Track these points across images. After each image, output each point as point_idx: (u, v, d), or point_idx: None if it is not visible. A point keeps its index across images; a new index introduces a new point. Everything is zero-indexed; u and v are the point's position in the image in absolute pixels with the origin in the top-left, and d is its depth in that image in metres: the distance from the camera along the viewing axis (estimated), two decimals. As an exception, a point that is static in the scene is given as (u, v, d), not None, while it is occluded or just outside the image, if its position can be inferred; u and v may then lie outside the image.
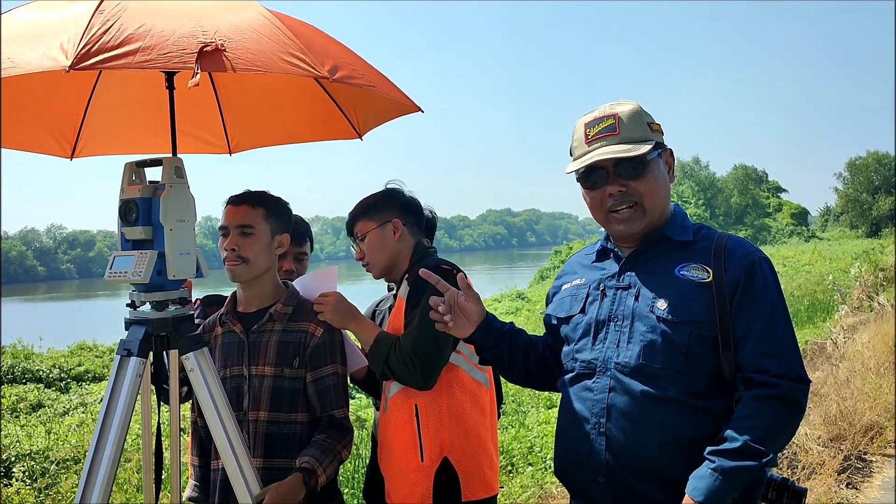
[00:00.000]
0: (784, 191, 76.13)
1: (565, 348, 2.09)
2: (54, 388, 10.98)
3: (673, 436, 1.84)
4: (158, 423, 2.40)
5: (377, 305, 3.08)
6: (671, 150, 2.07)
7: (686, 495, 1.77)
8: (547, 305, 2.27)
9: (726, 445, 1.76)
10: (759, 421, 1.77)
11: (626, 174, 1.97)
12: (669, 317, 1.88)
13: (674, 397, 1.86)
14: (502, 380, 3.15)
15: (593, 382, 1.95)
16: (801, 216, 69.83)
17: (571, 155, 2.06)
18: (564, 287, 2.19)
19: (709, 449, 1.78)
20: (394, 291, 2.83)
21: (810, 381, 1.89)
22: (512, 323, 2.25)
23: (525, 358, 2.21)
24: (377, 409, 2.88)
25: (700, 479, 1.76)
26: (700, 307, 1.87)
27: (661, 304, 1.90)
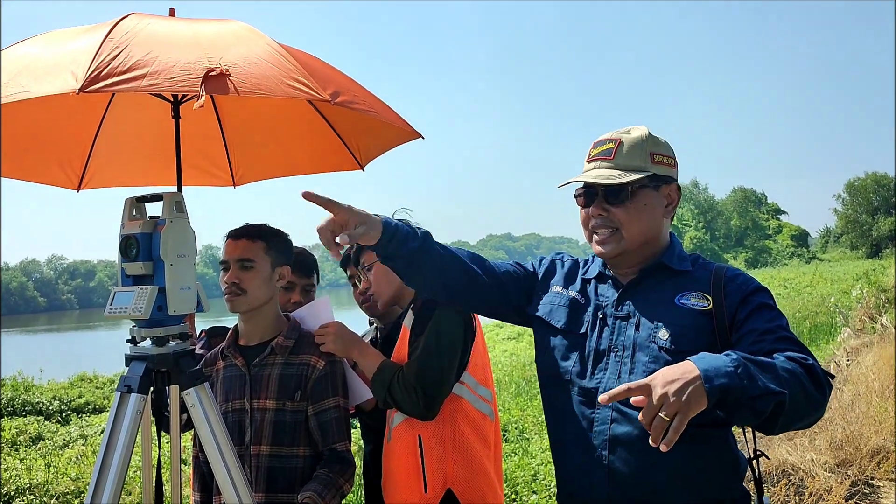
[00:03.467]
0: (784, 212, 76.45)
1: (554, 361, 2.05)
2: (54, 420, 10.89)
3: (677, 467, 1.81)
4: (159, 458, 2.38)
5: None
6: (678, 185, 2.05)
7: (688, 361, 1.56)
8: (537, 267, 2.23)
9: (757, 357, 1.59)
10: (790, 375, 1.59)
11: (609, 199, 1.98)
12: (671, 346, 1.86)
13: None
14: (501, 408, 3.11)
15: (593, 413, 1.93)
16: (801, 238, 69.98)
17: None
18: (557, 289, 2.16)
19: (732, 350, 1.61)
20: (375, 325, 2.80)
21: (834, 377, 1.79)
22: (426, 234, 2.03)
23: (430, 271, 2.03)
24: (366, 442, 2.86)
25: (711, 357, 1.56)
26: (701, 335, 1.86)
27: (663, 334, 1.88)
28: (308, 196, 1.83)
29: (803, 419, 1.67)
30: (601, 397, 1.54)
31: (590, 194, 2.01)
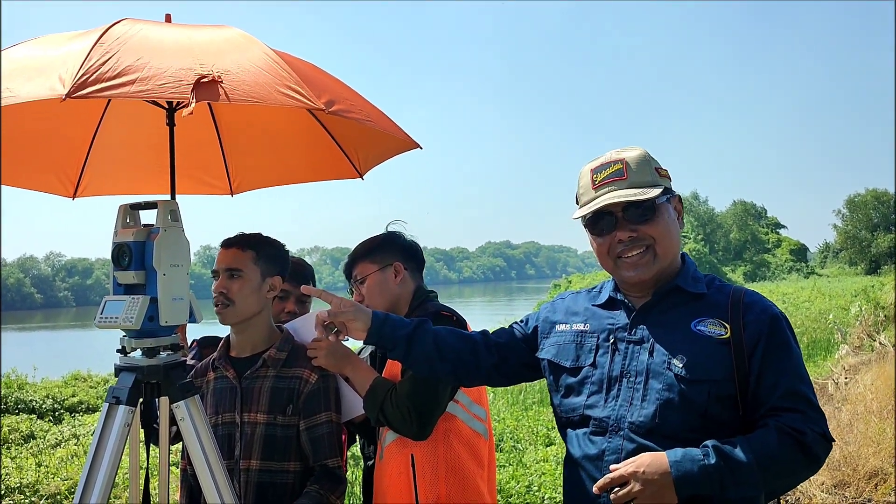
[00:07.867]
0: (783, 227, 76.32)
1: (567, 400, 2.00)
2: (47, 419, 10.83)
3: (690, 499, 1.76)
4: (147, 467, 2.34)
5: (357, 354, 2.99)
6: (679, 196, 2.02)
7: (664, 454, 1.71)
8: (526, 323, 2.21)
9: (737, 454, 1.70)
10: (772, 464, 1.71)
11: (635, 219, 1.91)
12: (687, 375, 1.81)
13: None
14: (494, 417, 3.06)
15: (605, 442, 1.87)
16: (800, 252, 69.89)
17: (577, 203, 2.01)
18: (561, 327, 2.10)
19: (715, 444, 1.72)
20: None
21: (833, 441, 1.84)
22: (421, 321, 2.13)
23: (428, 358, 2.10)
24: (365, 459, 2.80)
25: (689, 462, 1.70)
26: (718, 365, 1.82)
27: (678, 362, 1.83)
28: (305, 290, 2.25)
29: (788, 489, 1.91)
30: (594, 488, 1.75)
31: (608, 220, 1.94)
